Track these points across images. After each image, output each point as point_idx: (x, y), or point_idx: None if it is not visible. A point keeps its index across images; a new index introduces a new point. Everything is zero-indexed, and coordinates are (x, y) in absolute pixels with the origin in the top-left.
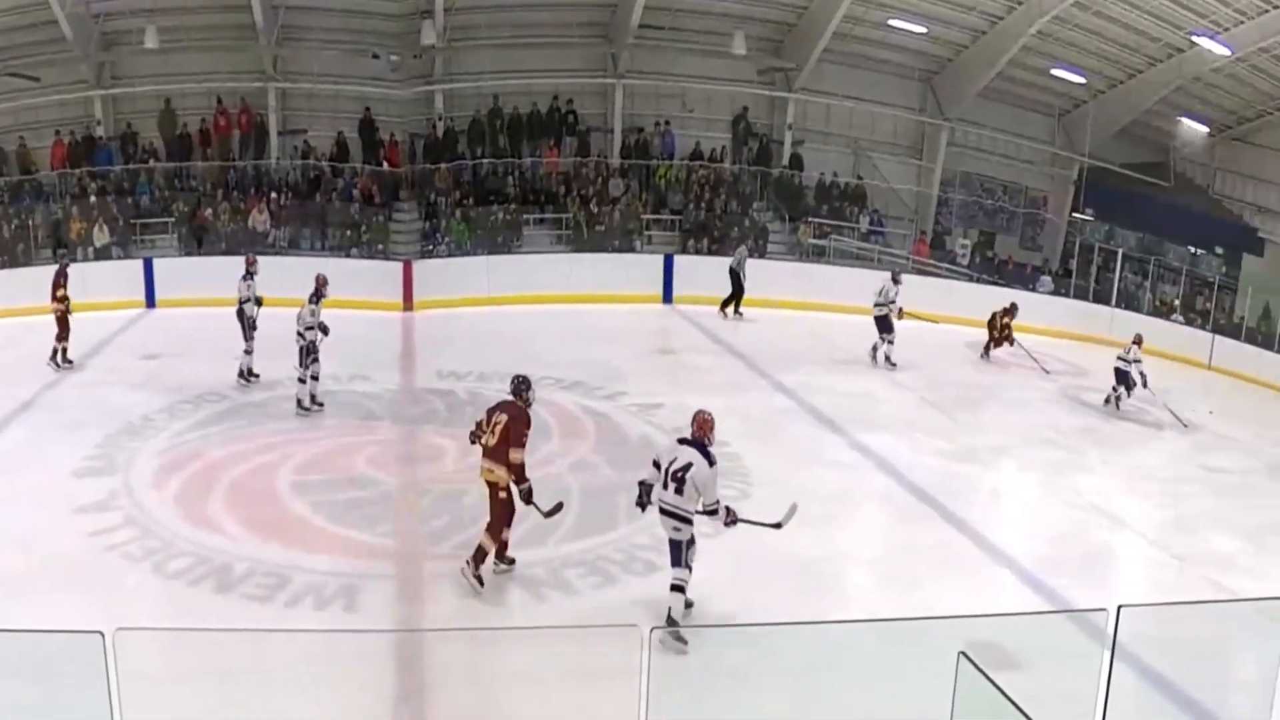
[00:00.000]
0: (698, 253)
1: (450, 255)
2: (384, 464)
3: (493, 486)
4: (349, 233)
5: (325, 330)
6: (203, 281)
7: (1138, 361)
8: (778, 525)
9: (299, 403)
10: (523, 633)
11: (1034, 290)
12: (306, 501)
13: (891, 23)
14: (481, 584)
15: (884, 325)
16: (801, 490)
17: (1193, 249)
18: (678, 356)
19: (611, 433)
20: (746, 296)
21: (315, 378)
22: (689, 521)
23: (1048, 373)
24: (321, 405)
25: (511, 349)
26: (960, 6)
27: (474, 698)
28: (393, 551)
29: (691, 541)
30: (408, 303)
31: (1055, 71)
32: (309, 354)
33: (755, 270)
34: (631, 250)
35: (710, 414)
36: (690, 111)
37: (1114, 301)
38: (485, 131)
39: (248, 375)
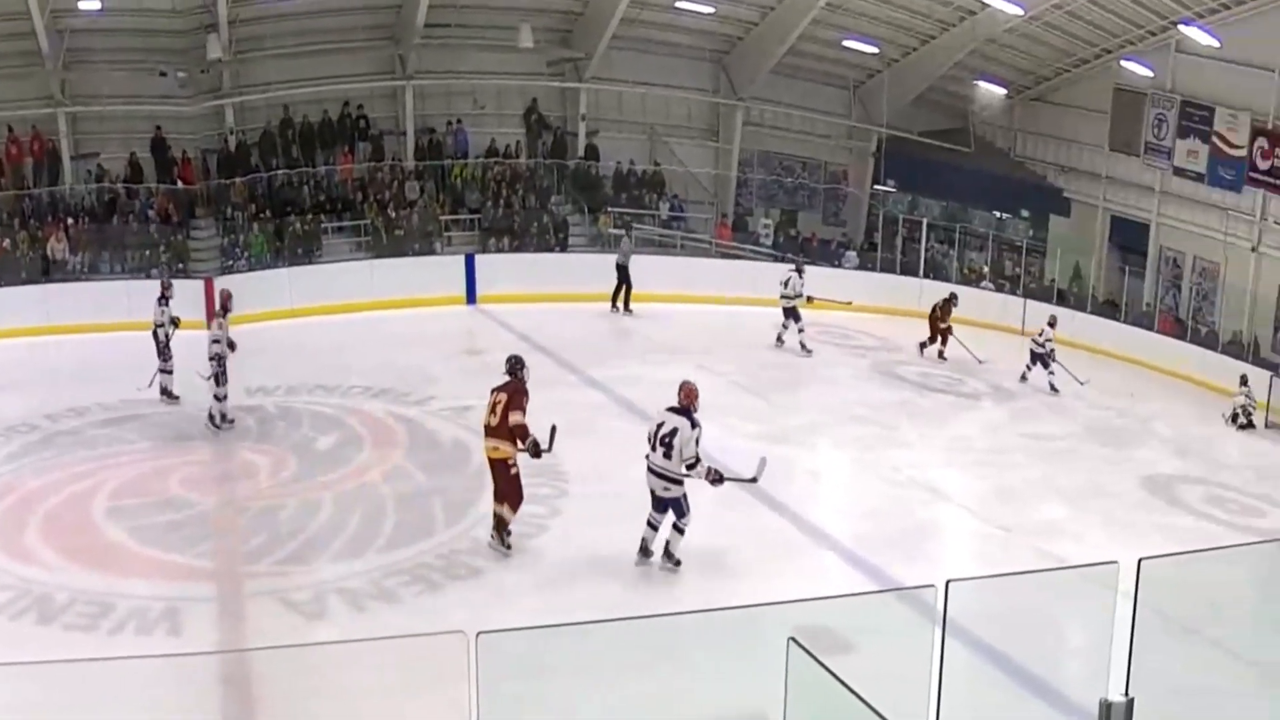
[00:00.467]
0: (499, 251)
1: (251, 269)
2: (199, 484)
3: (499, 463)
4: (148, 253)
5: (232, 346)
6: (4, 314)
7: (1049, 341)
8: (754, 479)
9: (210, 418)
10: (348, 646)
11: (839, 266)
12: (124, 527)
13: (679, 4)
14: (509, 548)
15: (792, 314)
16: (622, 482)
17: (998, 213)
18: (485, 357)
19: (423, 438)
20: (576, 291)
21: (223, 398)
22: (679, 482)
23: (981, 362)
24: (232, 422)
25: (318, 359)
26: None
27: (303, 715)
28: (213, 572)
29: (685, 496)
30: (210, 320)
31: (847, 43)
32: (219, 370)
33: (558, 265)
34: (432, 252)
35: (695, 384)
36: (482, 108)
37: (921, 272)
38: (277, 142)
39: (166, 394)
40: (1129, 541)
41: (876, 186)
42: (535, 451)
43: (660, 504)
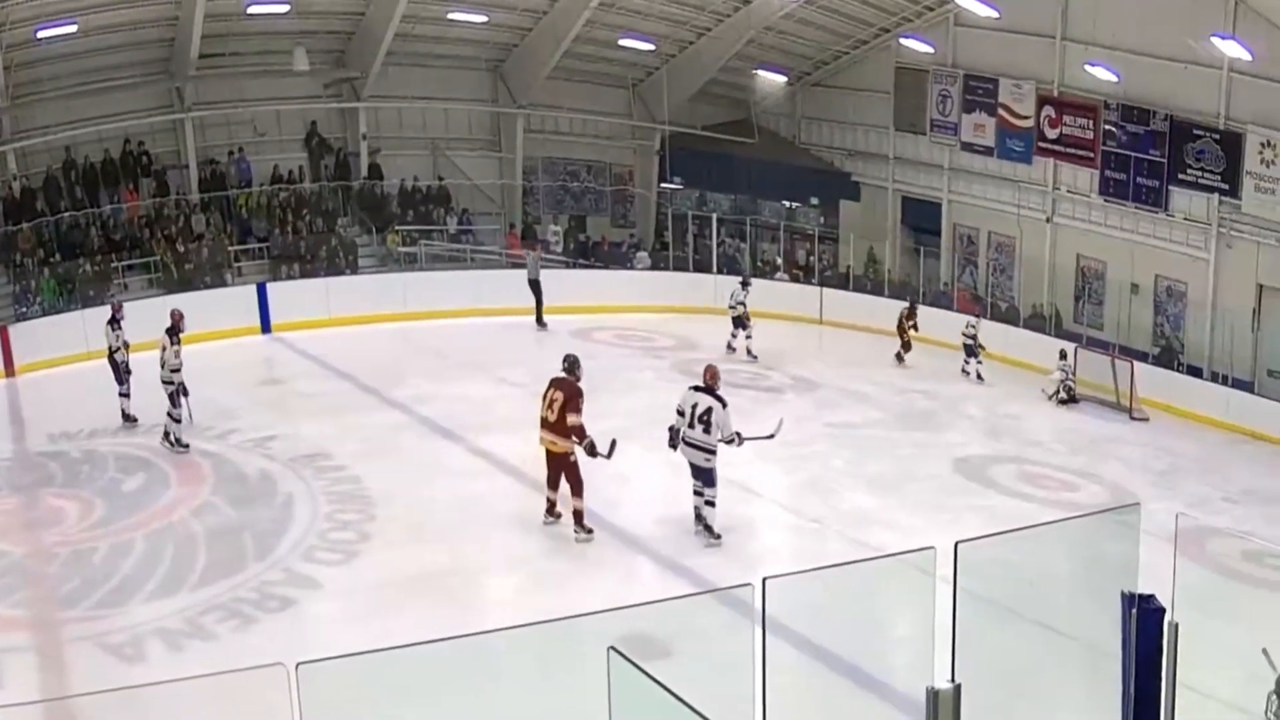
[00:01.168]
0: (290, 278)
1: (44, 315)
2: (7, 533)
3: (559, 456)
4: None
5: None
6: None
7: (975, 331)
8: (770, 436)
9: (166, 436)
10: (170, 686)
11: (632, 268)
12: None
13: (451, 16)
14: (591, 532)
15: (739, 323)
16: (430, 502)
17: (787, 203)
18: (285, 385)
19: (228, 471)
20: (370, 313)
21: (178, 420)
22: (714, 452)
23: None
24: (186, 446)
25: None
26: None
27: None
28: (29, 621)
29: (715, 469)
30: (8, 369)
31: (623, 42)
32: (182, 394)
33: (350, 287)
34: (223, 284)
35: (717, 366)
36: (262, 135)
37: (715, 269)
38: (61, 185)
39: (127, 418)
40: (945, 525)
41: (663, 185)
42: (591, 452)
43: (699, 473)
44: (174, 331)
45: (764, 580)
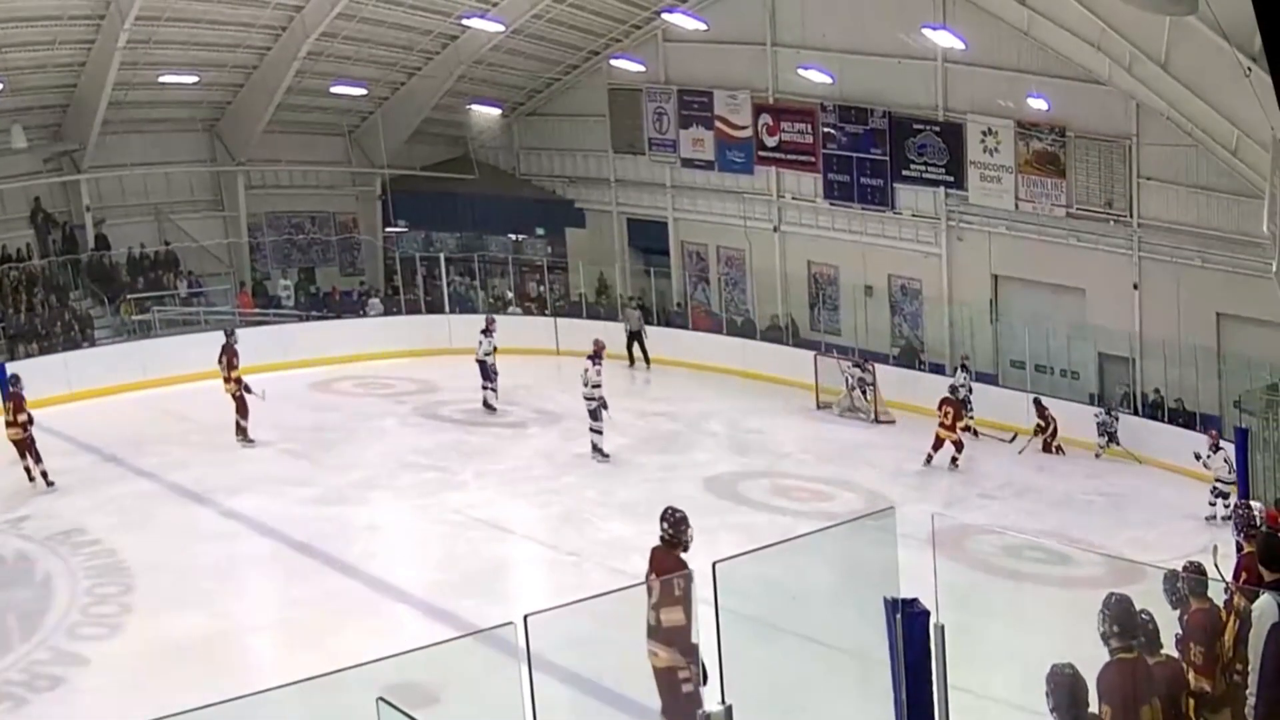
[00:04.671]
0: (29, 356)
1: None
2: None
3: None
4: None
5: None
6: None
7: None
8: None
9: (594, 448)
10: None
11: (365, 315)
12: None
13: (163, 80)
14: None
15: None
16: (189, 568)
17: (514, 236)
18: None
19: None
20: (111, 384)
21: (601, 431)
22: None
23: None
24: (608, 456)
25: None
26: (224, 47)
27: None
28: None
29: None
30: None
31: (335, 89)
32: (603, 408)
33: (89, 360)
34: None
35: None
36: None
37: (448, 309)
38: None
39: (490, 406)
40: (701, 546)
41: (388, 229)
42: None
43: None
44: (597, 356)
45: (525, 618)
